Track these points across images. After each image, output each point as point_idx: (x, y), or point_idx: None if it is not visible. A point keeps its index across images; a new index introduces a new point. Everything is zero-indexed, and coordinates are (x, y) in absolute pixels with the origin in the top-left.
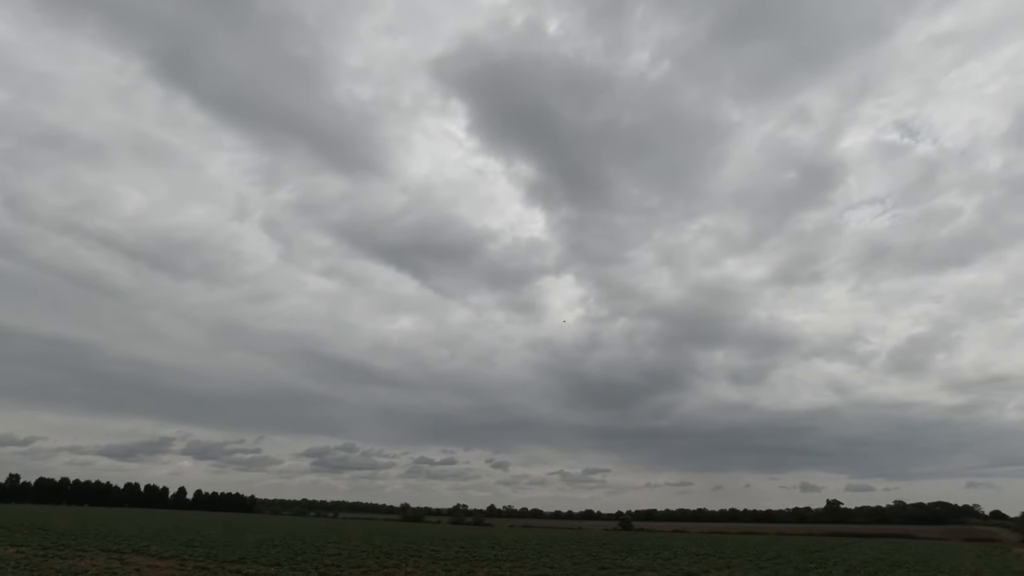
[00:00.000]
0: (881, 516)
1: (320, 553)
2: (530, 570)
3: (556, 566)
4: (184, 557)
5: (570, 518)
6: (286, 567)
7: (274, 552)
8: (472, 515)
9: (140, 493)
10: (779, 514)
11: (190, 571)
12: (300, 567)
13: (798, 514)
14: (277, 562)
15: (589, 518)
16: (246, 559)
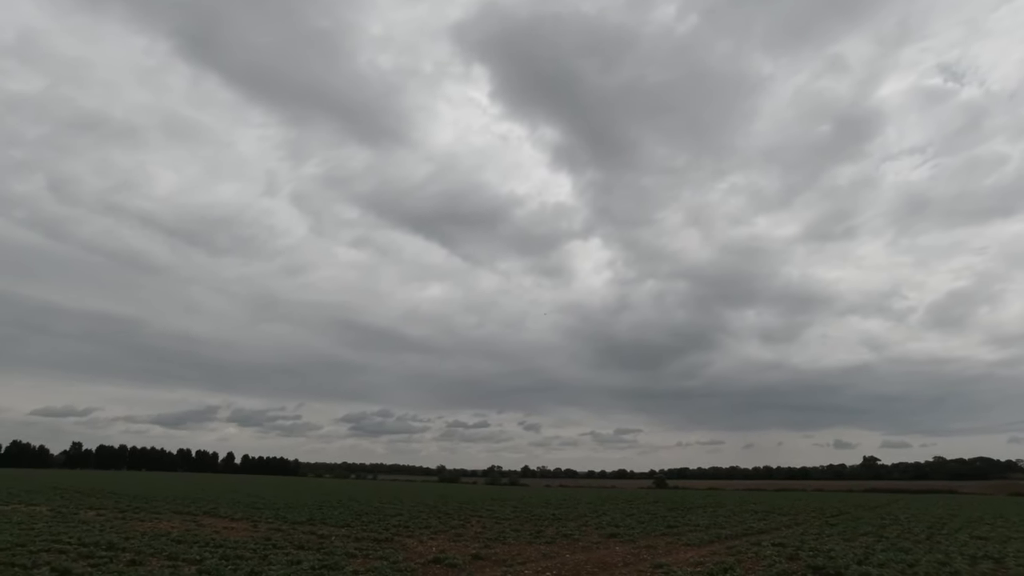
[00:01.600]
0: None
1: (381, 513)
2: (598, 529)
3: (622, 524)
4: (254, 519)
5: (603, 477)
6: (356, 527)
7: (337, 513)
8: (507, 476)
9: (192, 458)
10: (814, 471)
11: (265, 532)
12: (369, 528)
13: (833, 471)
14: (345, 523)
15: (622, 477)
16: (314, 520)
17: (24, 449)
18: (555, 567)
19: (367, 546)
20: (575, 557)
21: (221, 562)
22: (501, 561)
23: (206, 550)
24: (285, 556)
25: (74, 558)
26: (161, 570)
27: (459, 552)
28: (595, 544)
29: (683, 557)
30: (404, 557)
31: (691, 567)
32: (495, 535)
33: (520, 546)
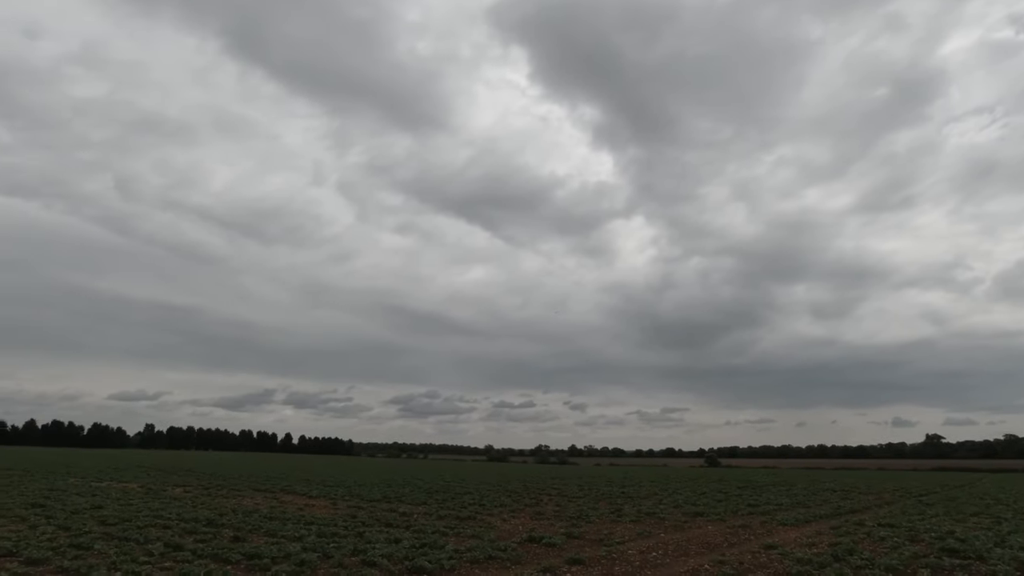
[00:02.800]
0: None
1: (450, 492)
2: (677, 507)
3: (700, 503)
4: (330, 497)
5: (651, 456)
6: (432, 505)
7: (407, 491)
8: (555, 455)
9: (253, 439)
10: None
11: (346, 510)
12: (445, 505)
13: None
14: (421, 501)
15: (671, 456)
16: (389, 498)
17: (104, 431)
18: (657, 546)
19: (453, 524)
20: (671, 536)
21: (320, 539)
22: (597, 540)
23: (300, 527)
24: (381, 534)
25: (179, 533)
26: (268, 547)
27: (547, 531)
28: (683, 523)
29: (788, 537)
30: (496, 536)
31: (803, 548)
32: (575, 514)
33: (606, 524)
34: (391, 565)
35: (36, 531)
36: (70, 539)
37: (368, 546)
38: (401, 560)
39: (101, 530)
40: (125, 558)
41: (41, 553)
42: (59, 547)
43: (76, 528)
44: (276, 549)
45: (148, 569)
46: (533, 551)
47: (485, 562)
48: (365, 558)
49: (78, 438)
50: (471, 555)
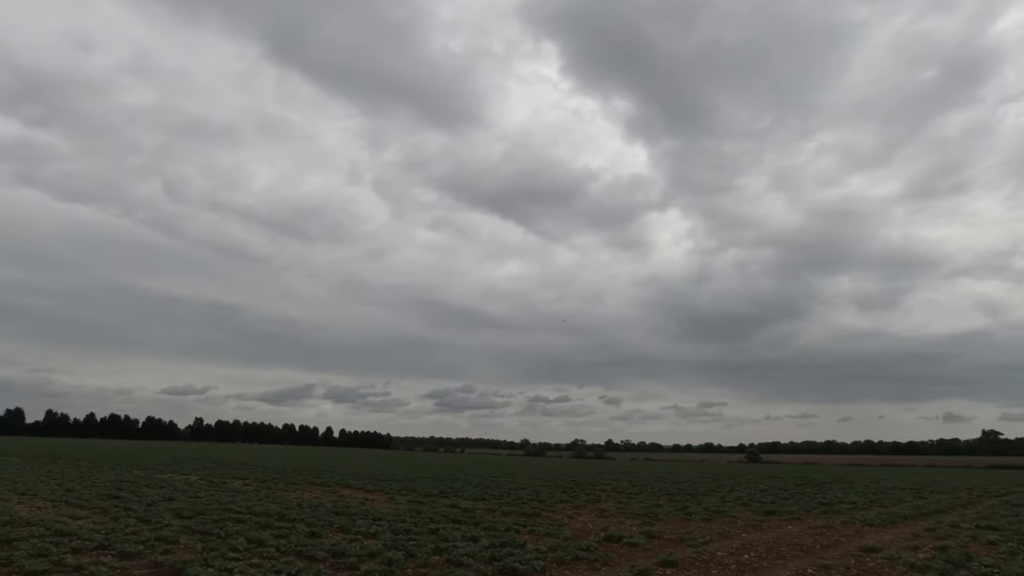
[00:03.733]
0: None
1: (503, 487)
2: (743, 505)
3: (765, 500)
4: (386, 491)
5: (689, 451)
6: (491, 501)
7: (459, 486)
8: (592, 449)
9: (296, 432)
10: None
11: (406, 505)
12: (503, 501)
13: (946, 446)
14: (479, 496)
15: (709, 451)
16: (445, 493)
17: (157, 424)
18: (745, 547)
19: (522, 521)
20: (753, 536)
21: (396, 536)
22: (677, 540)
23: (370, 523)
24: (455, 532)
25: (255, 527)
26: (349, 544)
27: (621, 529)
28: (759, 522)
29: (882, 539)
30: (571, 534)
31: (906, 551)
32: (640, 511)
33: (678, 523)
34: (480, 565)
35: (119, 523)
36: (154, 532)
37: (448, 544)
38: (488, 560)
39: (180, 523)
40: (214, 554)
41: (132, 547)
42: (146, 540)
43: (155, 520)
44: (359, 547)
45: (240, 566)
46: (617, 551)
47: (573, 563)
48: (450, 557)
49: (134, 431)
50: (556, 555)
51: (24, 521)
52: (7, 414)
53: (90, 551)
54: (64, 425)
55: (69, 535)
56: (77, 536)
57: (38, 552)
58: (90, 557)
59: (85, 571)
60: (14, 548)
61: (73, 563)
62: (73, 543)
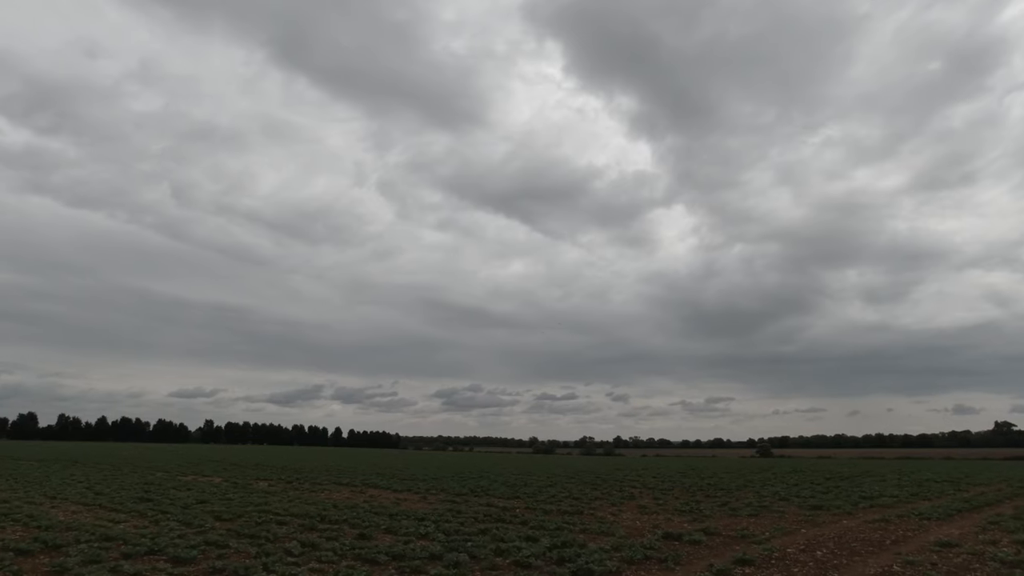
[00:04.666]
0: None
1: (531, 485)
2: (784, 500)
3: (803, 495)
4: (415, 491)
5: (699, 447)
6: (525, 499)
7: (485, 484)
8: (602, 446)
9: (305, 433)
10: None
11: (439, 504)
12: (537, 499)
13: (958, 438)
14: (511, 495)
15: (719, 446)
16: (476, 491)
17: (168, 426)
18: (814, 543)
19: (567, 519)
20: (814, 532)
21: (449, 537)
22: (738, 537)
23: (418, 523)
24: (508, 531)
25: (300, 530)
26: (401, 546)
27: (671, 526)
28: (808, 517)
29: (951, 533)
30: (625, 532)
31: (986, 545)
32: (683, 507)
33: (726, 518)
34: (550, 567)
35: (161, 527)
36: (200, 536)
37: (508, 546)
38: (556, 561)
39: (222, 526)
40: (271, 558)
41: (183, 552)
42: (196, 545)
43: (197, 524)
44: (416, 549)
45: (302, 571)
46: (682, 549)
47: (644, 562)
48: (516, 559)
49: (145, 433)
50: (623, 555)
51: (64, 526)
52: (20, 418)
53: (141, 557)
54: (76, 429)
55: (114, 539)
56: (123, 541)
57: (90, 558)
58: (144, 563)
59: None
60: (64, 554)
61: (130, 570)
62: (122, 548)
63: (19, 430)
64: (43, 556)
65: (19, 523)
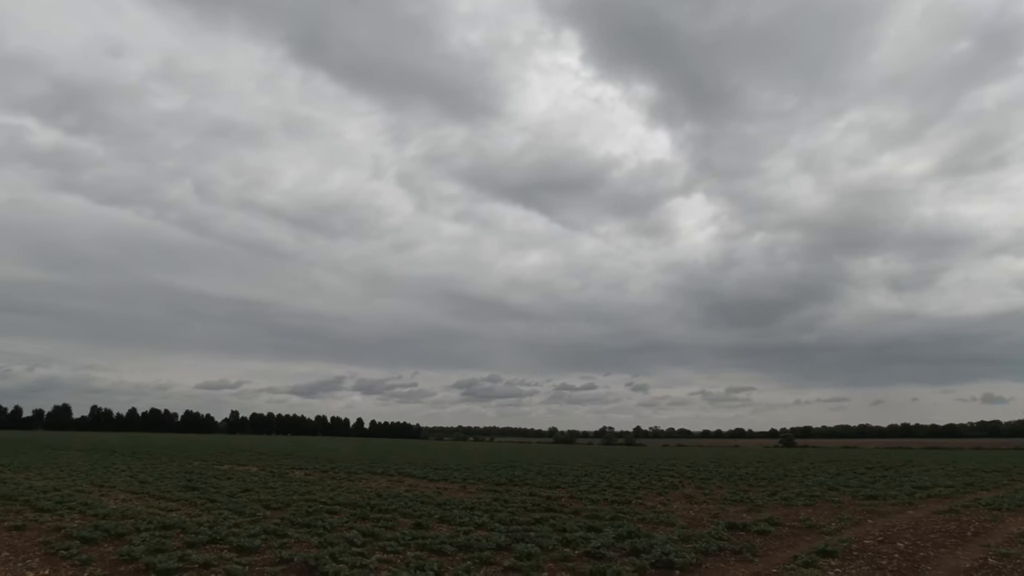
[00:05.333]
0: None
1: (567, 474)
2: (834, 490)
3: (852, 484)
4: (452, 480)
5: (719, 436)
6: (569, 488)
7: (520, 474)
8: (622, 436)
9: (328, 423)
10: (963, 428)
11: (480, 494)
12: (579, 488)
13: (987, 427)
14: (552, 484)
15: (740, 436)
16: (514, 481)
17: (195, 417)
18: (891, 534)
19: (619, 508)
20: (884, 522)
21: (509, 527)
22: (805, 527)
23: (468, 512)
24: (569, 522)
25: (353, 519)
26: (464, 536)
27: (725, 515)
28: (868, 507)
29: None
30: (686, 523)
31: None
32: (732, 496)
33: (780, 508)
34: (624, 558)
35: (215, 515)
36: (257, 525)
37: (574, 536)
38: (628, 552)
39: (274, 515)
40: (336, 548)
41: (245, 541)
42: (255, 534)
43: (249, 512)
44: (483, 539)
45: (372, 562)
46: (753, 541)
47: (719, 554)
48: (587, 550)
49: (173, 424)
50: (696, 546)
51: (119, 513)
52: (55, 410)
53: (204, 546)
54: (108, 420)
55: (172, 528)
56: (181, 529)
57: (155, 547)
58: (209, 552)
59: (215, 568)
60: (127, 542)
61: (197, 559)
62: (183, 537)
63: (54, 421)
64: (107, 544)
65: (75, 511)
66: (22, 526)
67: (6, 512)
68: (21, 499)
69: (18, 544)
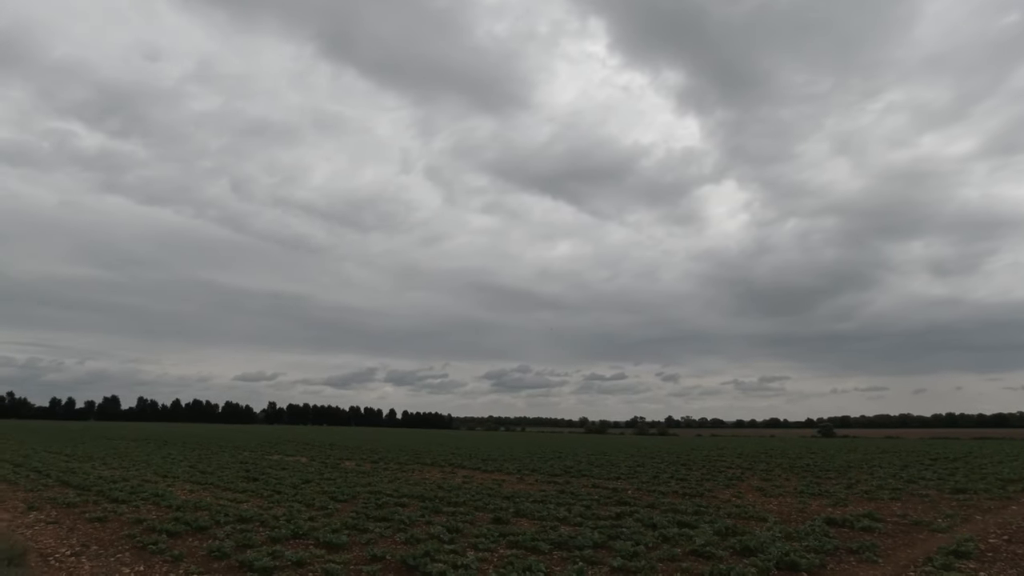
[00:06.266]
0: None
1: (619, 466)
2: (912, 483)
3: (925, 476)
4: (505, 471)
5: (753, 427)
6: (630, 480)
7: (572, 464)
8: (654, 426)
9: (361, 414)
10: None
11: (540, 484)
12: (641, 480)
13: None
14: (613, 476)
15: (775, 426)
16: (571, 472)
17: (235, 408)
18: (1013, 531)
19: (695, 503)
20: (996, 519)
21: (593, 523)
22: (911, 524)
23: (539, 506)
24: (656, 517)
25: (426, 512)
26: (552, 532)
27: (817, 511)
28: (962, 501)
29: None
30: (778, 518)
31: None
32: (808, 489)
33: (871, 503)
34: (734, 558)
35: (288, 508)
36: (337, 519)
37: (673, 533)
38: (739, 552)
39: (344, 508)
40: (427, 545)
41: (332, 537)
42: (336, 528)
43: (318, 505)
44: (577, 535)
45: (470, 559)
46: (868, 539)
47: (835, 553)
48: (694, 548)
49: (214, 415)
50: (808, 544)
51: (193, 505)
52: (105, 401)
53: (288, 541)
54: (154, 410)
55: (249, 521)
56: (260, 522)
57: (242, 542)
58: (297, 548)
59: (311, 567)
60: (211, 536)
61: (291, 557)
62: (265, 532)
63: (104, 412)
64: (192, 539)
65: (149, 502)
66: (103, 518)
67: (84, 503)
68: (95, 489)
69: (104, 537)
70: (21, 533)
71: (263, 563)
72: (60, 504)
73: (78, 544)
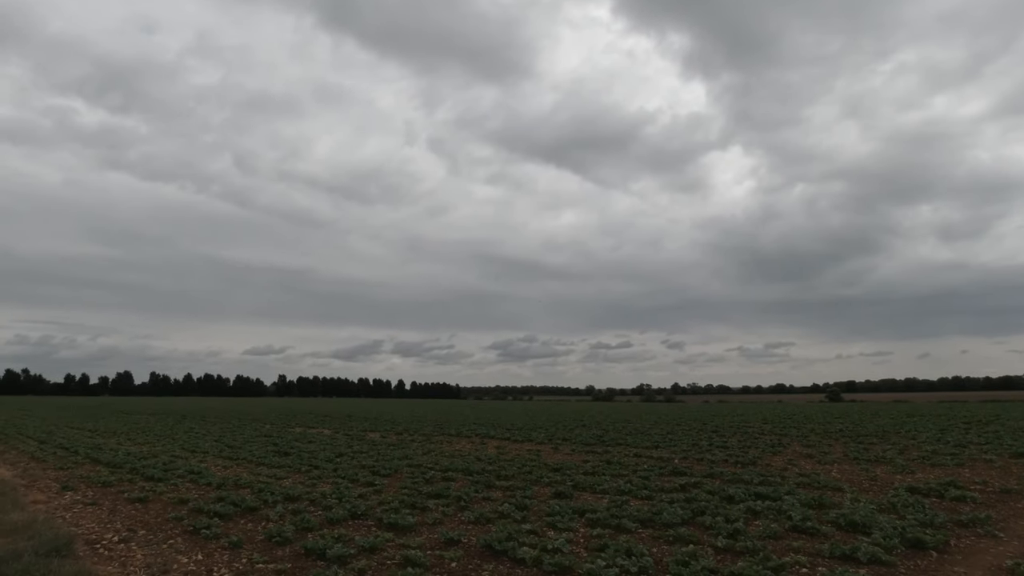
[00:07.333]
0: None
1: (652, 435)
2: (959, 448)
3: (973, 441)
4: (536, 440)
5: (760, 392)
6: (669, 449)
7: (600, 432)
8: (661, 393)
9: (370, 386)
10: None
11: (581, 454)
12: (680, 448)
13: None
14: (651, 444)
15: (782, 392)
16: (605, 441)
17: (246, 382)
18: None
19: (754, 473)
20: None
21: (673, 495)
22: (1001, 492)
23: (595, 479)
24: (732, 488)
25: (473, 486)
26: (619, 508)
27: (888, 479)
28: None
29: None
30: (854, 489)
31: None
32: (865, 456)
33: (940, 470)
34: (839, 534)
35: (333, 485)
36: (393, 496)
37: (760, 506)
38: (844, 527)
39: (390, 483)
40: (509, 525)
41: (396, 518)
42: (391, 506)
43: (363, 480)
44: (662, 512)
45: (558, 543)
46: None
47: (947, 527)
48: (794, 524)
49: (226, 388)
50: (917, 519)
51: (232, 483)
52: (118, 376)
53: (346, 522)
54: (167, 385)
55: (297, 499)
56: (310, 501)
57: (301, 525)
58: (359, 531)
59: (383, 553)
60: (263, 518)
61: (362, 543)
62: (318, 512)
63: (117, 387)
64: (243, 520)
65: (186, 479)
66: (144, 498)
67: (120, 482)
68: (127, 467)
69: (149, 520)
70: (61, 517)
71: (336, 551)
72: (95, 483)
73: (124, 528)
